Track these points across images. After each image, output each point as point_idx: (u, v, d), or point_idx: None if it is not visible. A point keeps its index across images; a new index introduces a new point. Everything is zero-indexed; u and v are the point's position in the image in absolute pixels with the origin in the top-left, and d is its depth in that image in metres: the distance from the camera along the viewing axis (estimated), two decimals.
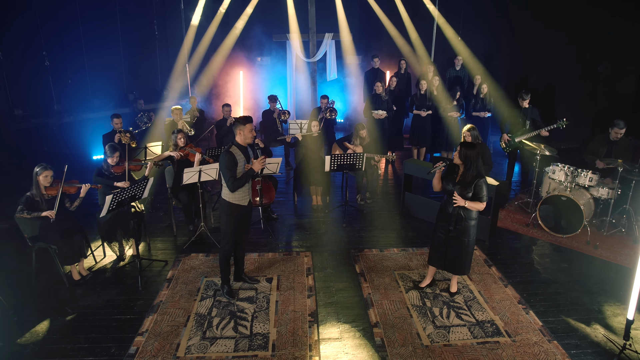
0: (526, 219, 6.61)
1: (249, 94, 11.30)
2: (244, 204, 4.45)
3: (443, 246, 4.46)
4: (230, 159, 4.23)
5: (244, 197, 4.42)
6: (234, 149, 4.29)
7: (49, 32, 8.69)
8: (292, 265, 5.36)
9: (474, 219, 4.35)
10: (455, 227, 4.34)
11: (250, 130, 4.28)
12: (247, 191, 4.44)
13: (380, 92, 8.27)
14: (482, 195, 4.21)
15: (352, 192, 7.58)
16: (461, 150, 4.19)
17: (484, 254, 5.62)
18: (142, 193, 5.05)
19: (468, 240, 4.39)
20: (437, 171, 4.36)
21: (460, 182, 4.25)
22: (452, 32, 10.16)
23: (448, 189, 4.30)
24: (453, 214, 4.31)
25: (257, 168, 4.31)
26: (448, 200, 4.34)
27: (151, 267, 5.30)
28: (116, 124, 7.02)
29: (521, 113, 7.30)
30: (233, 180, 4.26)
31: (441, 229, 4.45)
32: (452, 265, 4.50)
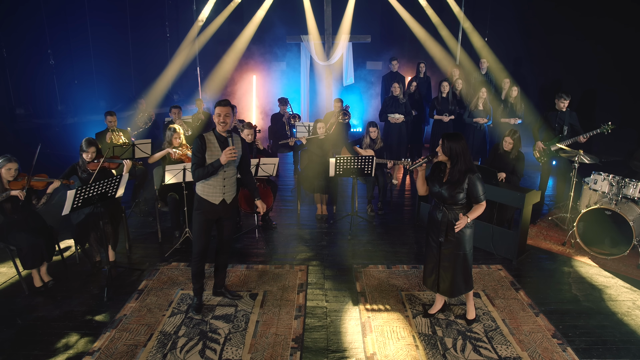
0: (562, 236, 5.69)
1: (261, 98, 10.79)
2: (215, 202, 3.83)
3: (435, 263, 3.73)
4: (198, 144, 3.73)
5: (214, 193, 3.81)
6: (209, 135, 3.80)
7: (55, 31, 8.44)
8: (283, 280, 4.64)
9: (469, 227, 3.58)
10: (446, 238, 3.57)
11: (217, 115, 3.68)
12: (219, 187, 3.82)
13: (397, 94, 7.56)
14: (479, 195, 3.46)
15: (363, 203, 6.85)
16: (444, 142, 3.46)
17: (511, 275, 4.75)
18: (115, 190, 4.48)
19: (464, 254, 3.61)
20: (419, 169, 3.62)
21: (448, 182, 3.50)
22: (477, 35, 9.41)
23: (435, 191, 3.58)
24: (443, 222, 3.56)
25: (224, 159, 3.66)
26: (436, 206, 3.62)
27: (124, 276, 4.69)
28: (109, 122, 6.58)
29: (557, 118, 6.44)
30: (196, 167, 3.75)
31: (432, 241, 3.71)
32: (445, 287, 3.73)
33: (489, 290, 4.43)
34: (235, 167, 3.89)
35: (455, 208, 3.53)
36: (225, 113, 3.68)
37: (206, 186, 3.82)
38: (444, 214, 3.56)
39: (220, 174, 3.78)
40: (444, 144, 3.46)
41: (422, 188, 3.69)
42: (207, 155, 3.73)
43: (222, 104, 3.69)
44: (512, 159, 5.52)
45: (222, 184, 3.81)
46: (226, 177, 3.82)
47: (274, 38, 10.19)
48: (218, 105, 3.69)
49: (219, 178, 3.79)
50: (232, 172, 3.86)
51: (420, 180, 3.66)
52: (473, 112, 7.56)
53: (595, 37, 8.10)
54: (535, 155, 6.77)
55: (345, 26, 9.55)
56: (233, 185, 3.89)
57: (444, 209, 3.56)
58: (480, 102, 7.54)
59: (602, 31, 7.95)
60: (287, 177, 8.48)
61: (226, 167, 3.78)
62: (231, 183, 3.87)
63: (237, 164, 3.89)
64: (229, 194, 3.87)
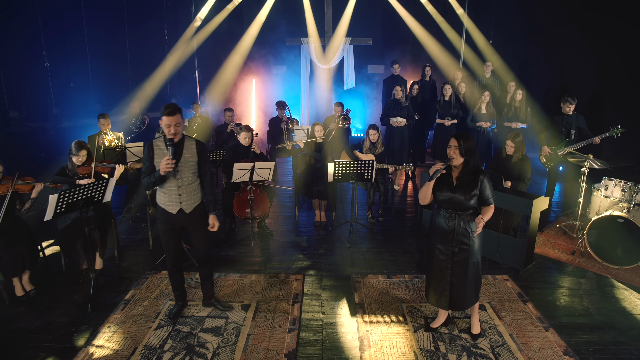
0: (571, 245, 5.44)
1: (261, 101, 10.60)
2: (171, 212, 3.58)
3: (445, 277, 3.42)
4: (145, 151, 3.54)
5: (170, 202, 3.56)
6: (158, 141, 3.53)
7: (51, 32, 8.29)
8: (278, 290, 4.40)
9: (479, 234, 3.38)
10: (460, 248, 3.32)
11: (166, 126, 3.36)
12: (174, 196, 3.54)
13: (399, 97, 7.35)
14: (489, 196, 3.29)
15: (363, 209, 6.62)
16: (461, 144, 3.24)
17: (518, 287, 4.50)
18: (102, 195, 4.27)
19: (477, 262, 3.39)
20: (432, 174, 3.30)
21: (459, 186, 3.27)
22: (482, 38, 9.21)
23: (445, 197, 3.30)
24: (456, 231, 3.31)
25: (162, 170, 3.35)
26: (445, 214, 3.34)
27: (111, 285, 4.47)
28: (102, 125, 6.38)
29: (564, 121, 6.20)
30: (144, 175, 3.55)
31: (441, 254, 3.41)
32: (457, 301, 3.46)
33: (495, 302, 4.19)
34: (194, 174, 3.59)
35: (466, 214, 3.31)
36: (175, 123, 3.36)
37: (162, 194, 3.58)
38: (457, 222, 3.30)
39: (173, 181, 3.51)
40: (460, 145, 3.23)
41: (428, 197, 3.39)
42: (155, 163, 3.48)
43: (168, 114, 3.33)
44: (514, 162, 5.29)
45: (177, 193, 3.54)
46: (181, 185, 3.53)
47: (274, 41, 10.03)
48: (164, 115, 3.33)
49: (172, 186, 3.52)
50: (190, 180, 3.56)
51: (429, 188, 3.36)
52: (476, 116, 7.33)
53: (602, 38, 7.89)
54: (542, 161, 6.53)
55: (346, 29, 9.37)
56: (192, 193, 3.60)
57: (456, 216, 3.31)
58: (483, 105, 7.32)
59: (609, 32, 7.74)
60: (286, 182, 8.26)
61: (180, 175, 3.51)
62: (189, 191, 3.57)
63: (196, 171, 3.59)
64: (187, 202, 3.58)
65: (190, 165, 3.54)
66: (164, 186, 3.52)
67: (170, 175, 3.47)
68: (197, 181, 3.63)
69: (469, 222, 3.30)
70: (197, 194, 3.65)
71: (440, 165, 3.25)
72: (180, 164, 3.50)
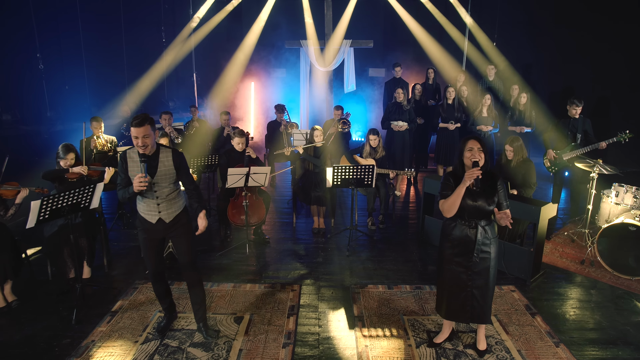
0: (579, 253, 5.23)
1: (260, 105, 10.42)
2: (151, 221, 3.34)
3: (465, 289, 3.18)
4: (119, 163, 3.32)
5: (149, 212, 3.33)
6: (132, 152, 3.26)
7: (46, 34, 8.14)
8: (273, 301, 4.20)
9: (497, 239, 3.20)
10: (481, 257, 3.10)
11: (134, 138, 3.12)
12: (153, 206, 3.31)
13: (401, 100, 7.15)
14: (505, 200, 3.11)
15: (363, 216, 6.41)
16: (482, 142, 3.07)
17: (525, 298, 4.28)
18: (90, 201, 4.07)
19: (495, 271, 3.20)
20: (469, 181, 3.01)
21: (481, 192, 3.06)
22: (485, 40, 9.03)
23: (469, 205, 3.06)
24: (478, 240, 3.09)
25: (135, 188, 3.13)
26: (465, 223, 3.12)
27: (99, 295, 4.27)
28: (95, 128, 6.21)
29: (570, 125, 6.00)
30: (119, 187, 3.34)
31: (459, 266, 3.17)
32: (480, 313, 3.22)
33: (501, 315, 3.97)
34: (173, 184, 3.36)
35: (486, 221, 3.11)
36: (143, 134, 3.09)
37: (141, 203, 3.36)
38: (478, 231, 3.08)
39: (150, 192, 3.28)
40: (483, 147, 3.04)
41: (457, 206, 3.03)
42: (130, 175, 3.25)
43: (136, 124, 3.07)
44: (515, 167, 5.09)
45: (155, 203, 3.31)
46: (160, 195, 3.30)
47: (273, 43, 9.86)
48: (132, 125, 3.09)
49: (150, 196, 3.30)
50: (168, 190, 3.32)
51: (459, 197, 3.01)
52: (477, 120, 7.14)
53: (608, 40, 7.70)
54: (546, 165, 6.32)
55: (346, 31, 9.20)
56: (172, 202, 3.36)
57: (477, 224, 3.09)
58: (484, 108, 7.13)
59: (615, 35, 7.55)
60: (284, 187, 8.07)
61: (157, 187, 3.28)
62: (168, 201, 3.34)
63: (173, 180, 3.35)
64: (166, 212, 3.34)
65: (167, 178, 3.30)
66: (142, 195, 3.31)
67: (147, 189, 3.21)
68: (177, 189, 3.41)
69: (488, 229, 3.10)
70: (178, 202, 3.42)
71: (477, 170, 2.95)
72: (156, 178, 3.25)
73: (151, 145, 3.18)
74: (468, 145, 3.06)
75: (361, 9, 9.32)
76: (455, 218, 3.14)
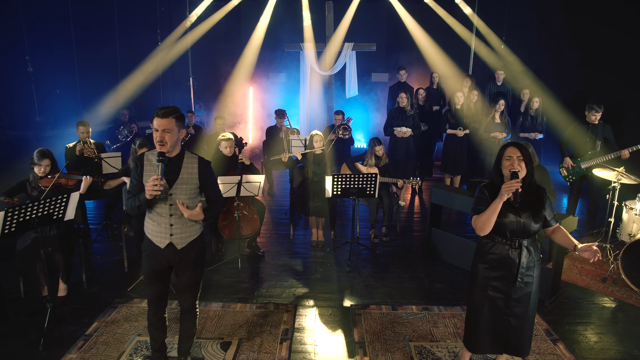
0: (600, 270, 4.81)
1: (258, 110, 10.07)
2: (159, 245, 2.78)
3: (502, 317, 2.72)
4: (134, 165, 2.80)
5: (158, 233, 2.78)
6: (151, 154, 2.77)
7: (35, 36, 7.84)
8: (265, 323, 3.79)
9: (540, 261, 2.77)
10: (524, 281, 2.67)
11: (154, 130, 2.67)
12: (164, 226, 2.76)
13: (404, 104, 6.78)
14: (552, 216, 2.71)
15: (365, 227, 6.01)
16: (523, 152, 2.61)
17: (544, 321, 3.87)
18: (62, 212, 3.70)
19: (537, 298, 2.76)
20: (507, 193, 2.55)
21: (525, 207, 2.63)
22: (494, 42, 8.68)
23: (510, 222, 2.61)
24: (522, 263, 2.64)
25: (147, 192, 2.60)
26: (506, 242, 2.67)
27: (73, 316, 3.87)
28: (81, 133, 5.85)
29: (589, 131, 5.62)
30: (129, 195, 2.82)
31: (496, 291, 2.70)
32: (516, 344, 2.76)
33: None
34: (192, 200, 2.80)
35: (531, 240, 2.69)
36: (164, 128, 2.62)
37: (150, 222, 2.82)
38: (522, 252, 2.64)
39: (164, 207, 2.75)
40: (524, 155, 2.60)
41: (492, 223, 2.60)
42: (145, 182, 2.70)
43: (161, 115, 2.62)
44: None
45: (167, 222, 2.75)
46: (174, 212, 2.75)
47: (272, 46, 9.52)
48: (155, 116, 2.64)
49: (163, 212, 2.75)
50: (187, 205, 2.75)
51: (495, 212, 2.58)
52: (490, 126, 6.75)
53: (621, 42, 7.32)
54: (563, 174, 5.92)
55: (348, 34, 8.86)
56: (189, 224, 2.80)
57: (520, 244, 2.65)
58: (497, 114, 6.75)
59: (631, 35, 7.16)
60: (282, 196, 7.69)
61: (173, 199, 2.73)
62: (184, 222, 2.77)
63: (194, 194, 2.82)
64: (179, 236, 2.78)
65: (188, 189, 2.76)
66: (152, 212, 2.78)
67: (160, 199, 2.72)
68: (195, 206, 2.84)
69: (533, 249, 2.68)
70: (195, 225, 2.84)
71: (515, 182, 2.52)
72: (175, 185, 2.73)
73: (171, 144, 2.68)
74: (507, 153, 2.63)
75: (363, 11, 8.99)
76: (493, 236, 2.69)
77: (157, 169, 2.66)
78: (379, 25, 9.76)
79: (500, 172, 2.69)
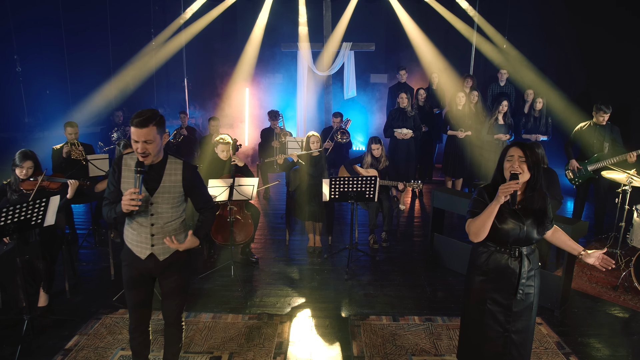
0: (611, 278, 4.59)
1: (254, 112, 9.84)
2: (140, 256, 2.53)
3: (503, 334, 2.49)
4: (112, 170, 2.53)
5: (139, 243, 2.53)
6: (130, 159, 2.49)
7: (24, 35, 7.61)
8: (258, 336, 3.56)
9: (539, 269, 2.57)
10: (524, 293, 2.45)
11: (133, 142, 2.37)
12: (145, 235, 2.50)
13: (404, 105, 6.57)
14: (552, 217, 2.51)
15: (364, 232, 5.79)
16: (527, 154, 2.38)
17: (555, 333, 3.64)
18: (42, 217, 3.46)
19: (537, 309, 2.56)
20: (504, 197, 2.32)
21: (527, 214, 2.42)
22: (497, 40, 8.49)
23: (509, 231, 2.39)
24: (522, 273, 2.42)
25: (123, 206, 2.34)
26: (505, 251, 2.46)
27: (54, 328, 3.63)
28: (69, 134, 5.64)
29: (596, 132, 5.42)
30: (105, 202, 2.53)
31: (496, 304, 2.48)
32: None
33: None
34: (176, 209, 2.55)
35: (531, 249, 2.49)
36: (145, 138, 2.32)
37: (130, 230, 2.56)
38: (522, 261, 2.43)
39: (144, 215, 2.48)
40: (527, 157, 2.37)
41: (488, 229, 2.38)
42: (123, 188, 2.48)
43: (137, 124, 2.30)
44: None
45: (148, 232, 2.49)
46: (156, 221, 2.50)
47: (268, 46, 9.30)
48: (132, 125, 2.33)
49: (143, 220, 2.49)
50: (169, 216, 2.52)
51: (491, 216, 2.35)
52: (493, 128, 6.54)
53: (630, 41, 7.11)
54: (569, 177, 5.72)
55: (346, 33, 8.65)
56: (171, 234, 2.52)
57: (520, 253, 2.45)
58: (500, 116, 6.55)
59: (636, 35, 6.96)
60: (278, 200, 7.46)
61: (155, 208, 2.48)
62: (166, 232, 2.52)
63: (177, 202, 2.55)
64: (161, 246, 2.52)
65: (170, 198, 2.50)
66: (132, 220, 2.53)
67: (140, 209, 2.43)
68: (180, 218, 2.59)
69: (532, 258, 2.48)
70: (179, 234, 2.59)
71: (514, 184, 2.30)
72: (156, 194, 2.47)
73: (155, 153, 2.40)
74: (509, 153, 2.42)
75: (362, 10, 8.78)
76: (491, 244, 2.48)
77: (135, 181, 2.38)
78: (378, 25, 9.54)
79: (502, 174, 2.48)
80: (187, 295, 2.76)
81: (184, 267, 2.66)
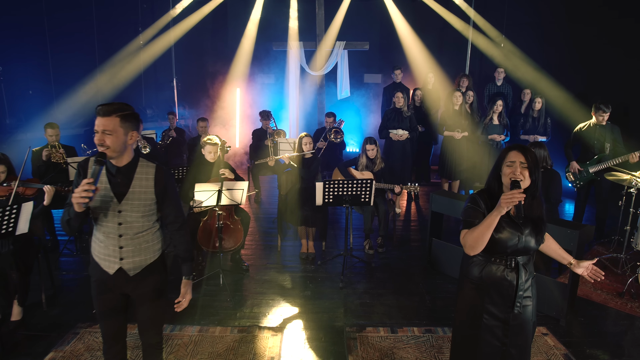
0: (616, 284, 4.41)
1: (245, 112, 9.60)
2: (108, 271, 2.27)
3: (501, 349, 2.30)
4: (76, 172, 2.27)
5: (106, 256, 2.27)
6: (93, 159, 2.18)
7: (5, 31, 7.29)
8: (247, 351, 3.33)
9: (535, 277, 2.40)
10: (523, 306, 2.27)
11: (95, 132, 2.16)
12: (112, 247, 2.24)
13: (400, 105, 6.37)
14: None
15: (359, 237, 5.57)
16: (529, 158, 2.17)
17: (561, 343, 3.45)
18: (13, 226, 3.21)
19: (535, 323, 2.39)
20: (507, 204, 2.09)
21: (526, 222, 2.22)
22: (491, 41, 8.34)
23: (507, 241, 2.20)
24: (520, 285, 2.24)
25: (74, 200, 2.06)
26: (501, 263, 2.26)
27: (27, 343, 3.38)
28: (50, 136, 5.37)
29: (597, 133, 5.26)
30: (67, 208, 2.22)
31: (492, 318, 2.28)
32: None
33: None
34: (147, 218, 2.29)
35: (527, 259, 2.30)
36: (103, 129, 2.12)
37: (96, 242, 2.31)
38: (520, 273, 2.24)
39: (113, 224, 2.22)
40: (529, 162, 2.16)
41: (486, 240, 2.16)
42: None
43: (99, 112, 2.13)
44: None
45: (116, 243, 2.23)
46: (125, 232, 2.24)
47: (260, 45, 9.07)
48: (96, 114, 2.15)
49: (111, 230, 2.23)
50: (140, 225, 2.26)
51: (490, 227, 2.14)
52: (487, 128, 6.37)
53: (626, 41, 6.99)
54: (569, 179, 5.55)
55: (340, 32, 8.45)
56: (143, 246, 2.29)
57: (518, 264, 2.25)
58: (495, 116, 6.37)
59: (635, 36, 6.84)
60: (270, 204, 7.23)
61: (124, 216, 2.23)
62: (136, 243, 2.27)
63: (148, 211, 2.29)
64: (131, 259, 2.26)
65: (140, 205, 2.25)
66: (98, 230, 2.27)
67: (106, 215, 2.20)
68: (152, 228, 2.33)
69: (529, 267, 2.29)
70: (152, 246, 2.33)
71: (518, 194, 2.06)
72: (124, 201, 2.22)
73: (115, 149, 2.16)
74: (509, 158, 2.20)
75: (356, 8, 8.58)
76: (485, 255, 2.27)
77: (91, 171, 2.10)
78: (372, 23, 9.35)
79: (499, 179, 2.26)
80: (167, 315, 2.52)
81: (160, 287, 2.39)
